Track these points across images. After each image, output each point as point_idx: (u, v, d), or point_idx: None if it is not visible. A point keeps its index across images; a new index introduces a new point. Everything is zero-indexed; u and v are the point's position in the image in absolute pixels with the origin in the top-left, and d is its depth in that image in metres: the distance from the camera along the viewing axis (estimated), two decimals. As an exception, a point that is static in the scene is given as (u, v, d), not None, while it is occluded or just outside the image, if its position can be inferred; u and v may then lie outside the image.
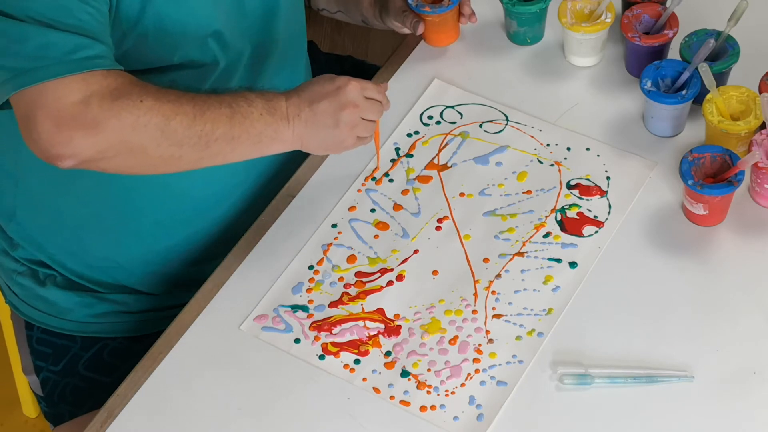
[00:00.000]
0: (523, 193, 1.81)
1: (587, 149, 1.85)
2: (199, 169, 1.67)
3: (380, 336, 1.69)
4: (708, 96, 1.78)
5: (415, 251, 1.77)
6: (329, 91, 1.68)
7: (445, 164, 1.86)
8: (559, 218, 1.78)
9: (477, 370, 1.65)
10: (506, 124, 1.89)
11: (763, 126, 1.77)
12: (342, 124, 1.68)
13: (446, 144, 1.88)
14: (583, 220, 1.78)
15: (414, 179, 1.84)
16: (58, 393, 1.88)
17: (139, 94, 1.55)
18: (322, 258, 1.77)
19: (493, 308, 1.70)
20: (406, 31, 1.94)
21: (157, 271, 1.87)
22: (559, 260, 1.74)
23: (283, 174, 1.88)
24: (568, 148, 1.85)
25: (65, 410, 1.88)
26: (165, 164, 1.59)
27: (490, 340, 1.67)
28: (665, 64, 1.83)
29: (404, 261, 1.76)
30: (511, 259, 1.74)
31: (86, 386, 1.87)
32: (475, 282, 1.73)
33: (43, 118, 1.50)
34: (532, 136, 1.87)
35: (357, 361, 1.67)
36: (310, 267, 1.76)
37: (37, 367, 1.91)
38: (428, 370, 1.65)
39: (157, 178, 1.69)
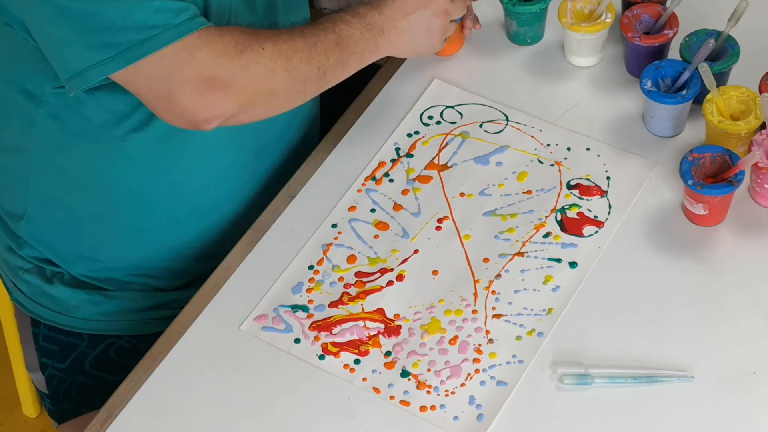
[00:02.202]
0: (523, 193, 1.81)
1: (587, 149, 1.85)
2: (210, 164, 1.75)
3: (380, 336, 1.69)
4: (708, 96, 1.78)
5: (415, 251, 1.77)
6: (420, 1, 1.76)
7: (446, 164, 1.86)
8: (559, 218, 1.78)
9: (477, 370, 1.65)
10: (506, 124, 1.89)
11: (763, 126, 1.77)
12: (434, 30, 1.79)
13: (446, 144, 1.88)
14: (583, 220, 1.78)
15: (414, 179, 1.84)
16: (64, 391, 1.89)
17: (258, 41, 1.62)
18: (322, 258, 1.77)
19: (493, 308, 1.70)
20: None
21: (171, 267, 1.87)
22: (559, 260, 1.74)
23: (292, 162, 1.89)
24: (568, 148, 1.85)
25: (70, 408, 1.89)
26: (292, 101, 1.69)
27: (490, 340, 1.67)
28: (665, 64, 1.83)
29: (404, 261, 1.76)
30: (511, 259, 1.74)
31: (92, 384, 1.87)
32: (475, 282, 1.73)
33: (184, 89, 1.56)
34: (532, 136, 1.87)
35: (357, 361, 1.67)
36: (310, 267, 1.76)
37: (42, 365, 1.92)
38: (428, 370, 1.65)
39: (169, 175, 1.73)
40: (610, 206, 1.79)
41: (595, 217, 1.78)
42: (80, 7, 1.53)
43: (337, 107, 1.96)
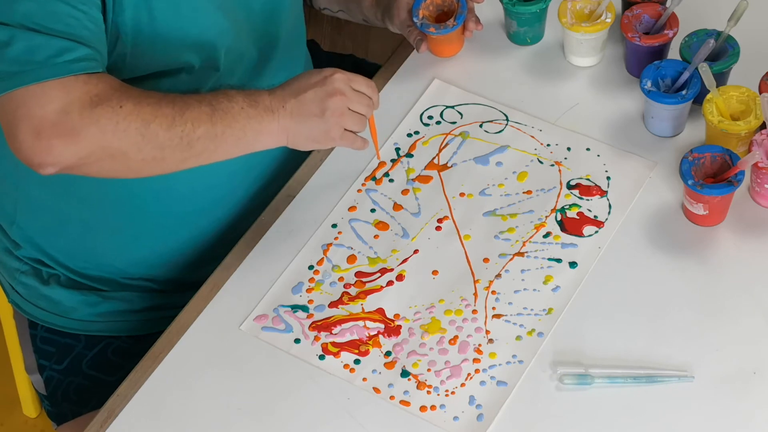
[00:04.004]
0: (524, 193, 1.81)
1: (587, 149, 1.85)
2: (201, 170, 1.68)
3: (380, 336, 1.69)
4: (708, 96, 1.78)
5: (415, 251, 1.77)
6: (316, 81, 1.68)
7: (446, 164, 1.86)
8: (559, 218, 1.78)
9: (477, 370, 1.65)
10: (506, 124, 1.89)
11: (763, 126, 1.77)
12: (329, 112, 1.67)
13: (446, 144, 1.88)
14: (583, 220, 1.78)
15: (414, 179, 1.84)
16: (62, 392, 1.89)
17: (119, 99, 1.55)
18: (322, 258, 1.77)
19: (493, 308, 1.70)
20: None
21: (161, 273, 1.87)
22: (559, 260, 1.74)
23: (285, 172, 1.88)
24: (568, 148, 1.85)
25: (68, 409, 1.88)
26: (148, 167, 1.59)
27: (490, 340, 1.67)
28: (665, 64, 1.83)
29: (404, 261, 1.76)
30: (511, 259, 1.74)
31: (90, 385, 1.87)
32: (475, 282, 1.73)
33: (24, 127, 1.51)
34: (533, 136, 1.87)
35: (357, 361, 1.67)
36: (310, 267, 1.76)
37: (40, 366, 1.92)
38: (428, 370, 1.65)
39: (160, 179, 1.69)
40: (610, 206, 1.79)
41: (595, 217, 1.78)
42: None
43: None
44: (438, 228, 1.79)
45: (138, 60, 1.65)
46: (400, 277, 1.74)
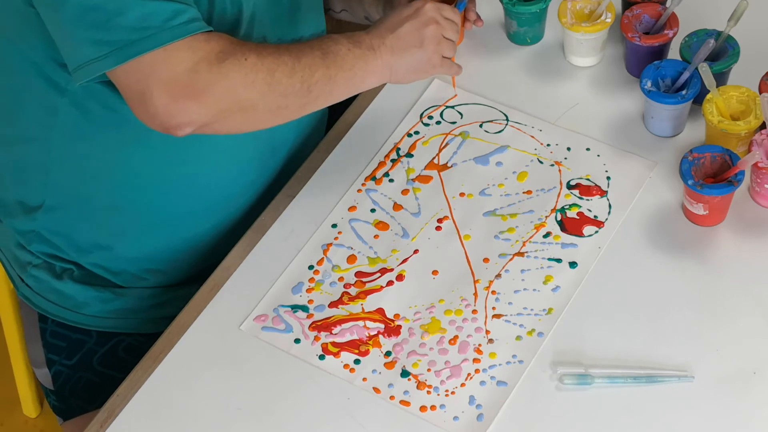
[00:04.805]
0: (523, 193, 1.81)
1: (587, 149, 1.85)
2: (230, 156, 1.74)
3: (380, 336, 1.69)
4: (708, 96, 1.78)
5: (415, 251, 1.77)
6: (408, 15, 1.73)
7: (446, 164, 1.86)
8: (559, 218, 1.78)
9: (477, 370, 1.65)
10: (506, 124, 1.89)
11: (763, 126, 1.77)
12: (427, 41, 1.73)
13: (446, 144, 1.88)
14: (583, 220, 1.78)
15: (414, 179, 1.84)
16: (70, 387, 1.89)
17: (243, 52, 1.59)
18: (322, 258, 1.77)
19: (493, 308, 1.70)
20: None
21: (183, 259, 1.87)
22: (559, 260, 1.74)
23: (304, 155, 1.89)
24: (568, 148, 1.85)
25: (76, 405, 1.89)
26: (274, 116, 1.65)
27: (490, 340, 1.67)
28: (665, 64, 1.83)
29: (404, 261, 1.76)
30: (511, 259, 1.74)
31: (100, 382, 1.87)
32: (475, 282, 1.73)
33: (158, 92, 1.55)
34: (532, 136, 1.88)
35: (357, 361, 1.67)
36: (310, 267, 1.76)
37: (49, 361, 1.92)
38: (428, 370, 1.65)
39: (187, 168, 1.73)
40: (610, 206, 1.79)
41: (595, 217, 1.78)
42: (79, 1, 1.53)
43: (337, 107, 1.96)
44: (438, 228, 1.79)
45: None
46: (400, 277, 1.74)
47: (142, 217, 1.82)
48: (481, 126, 1.90)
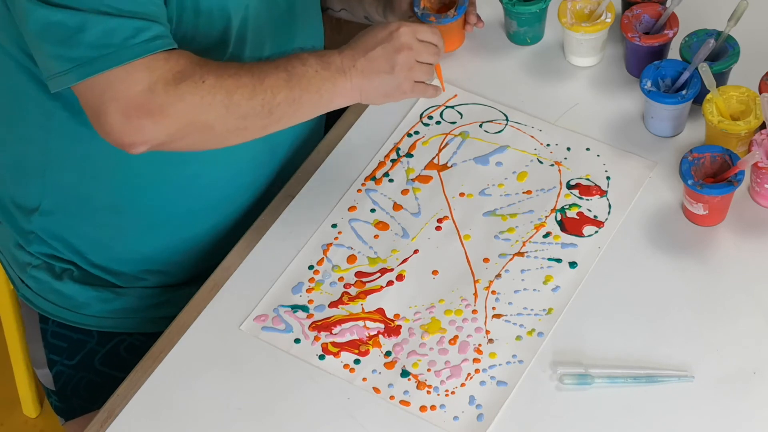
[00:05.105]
0: (523, 193, 1.81)
1: (587, 149, 1.85)
2: (229, 156, 1.73)
3: (380, 336, 1.69)
4: (708, 96, 1.78)
5: (415, 251, 1.77)
6: (382, 38, 1.70)
7: (445, 164, 1.86)
8: (559, 218, 1.78)
9: (477, 370, 1.65)
10: (506, 124, 1.89)
11: (763, 126, 1.77)
12: (398, 68, 1.69)
13: (446, 144, 1.88)
14: (583, 220, 1.78)
15: (414, 179, 1.84)
16: (72, 387, 1.89)
17: (201, 73, 1.58)
18: (322, 258, 1.77)
19: (493, 308, 1.70)
20: None
21: (183, 260, 1.87)
22: (559, 260, 1.74)
23: (303, 156, 1.89)
24: (568, 148, 1.85)
25: (78, 405, 1.89)
26: (233, 137, 1.63)
27: (490, 340, 1.67)
28: (665, 64, 1.83)
29: (404, 261, 1.76)
30: (511, 259, 1.74)
31: (101, 381, 1.87)
32: (475, 282, 1.73)
33: (113, 109, 1.54)
34: (532, 136, 1.88)
35: (357, 361, 1.67)
36: (310, 267, 1.76)
37: (50, 361, 1.92)
38: (428, 370, 1.65)
39: (187, 168, 1.73)
40: (610, 206, 1.79)
41: (595, 217, 1.78)
42: (43, 15, 1.53)
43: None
44: (438, 228, 1.79)
45: (181, 37, 1.67)
46: (400, 277, 1.74)
47: (142, 218, 1.82)
48: (481, 126, 1.90)
